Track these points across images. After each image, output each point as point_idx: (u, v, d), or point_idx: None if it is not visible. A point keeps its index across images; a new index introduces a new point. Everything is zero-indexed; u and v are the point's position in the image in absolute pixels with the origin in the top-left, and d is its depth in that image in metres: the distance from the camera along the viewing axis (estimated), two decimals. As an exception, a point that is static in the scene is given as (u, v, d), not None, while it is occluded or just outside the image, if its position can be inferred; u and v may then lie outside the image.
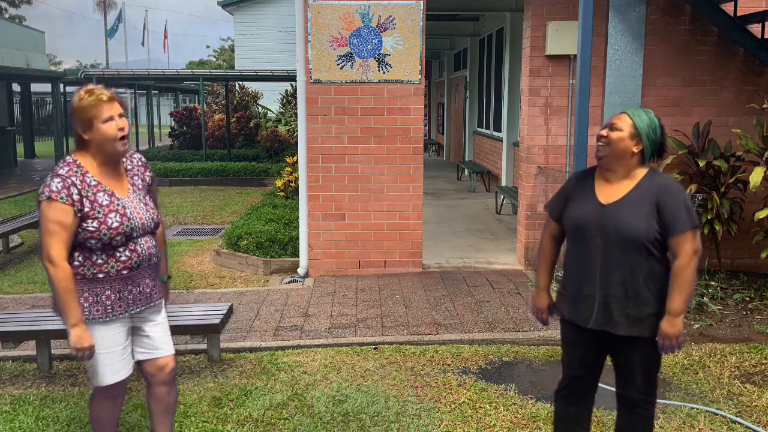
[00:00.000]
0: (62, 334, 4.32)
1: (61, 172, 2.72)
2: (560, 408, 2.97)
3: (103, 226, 2.71)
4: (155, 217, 2.94)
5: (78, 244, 2.75)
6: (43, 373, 4.41)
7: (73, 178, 2.71)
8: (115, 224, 2.73)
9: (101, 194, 2.75)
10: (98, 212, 2.72)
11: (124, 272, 2.80)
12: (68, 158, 2.80)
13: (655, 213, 2.60)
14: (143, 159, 3.04)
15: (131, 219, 2.79)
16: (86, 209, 2.70)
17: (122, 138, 2.75)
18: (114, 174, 2.84)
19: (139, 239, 2.84)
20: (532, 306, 3.03)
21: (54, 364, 4.52)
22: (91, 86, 2.77)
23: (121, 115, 2.76)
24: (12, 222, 8.49)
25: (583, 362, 2.84)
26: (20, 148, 21.59)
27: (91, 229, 2.70)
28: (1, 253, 8.10)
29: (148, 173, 3.01)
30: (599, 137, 2.70)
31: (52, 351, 4.52)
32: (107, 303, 2.80)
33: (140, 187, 2.94)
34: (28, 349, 4.64)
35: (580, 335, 2.79)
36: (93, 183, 2.75)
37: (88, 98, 2.71)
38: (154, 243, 2.94)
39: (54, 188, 2.67)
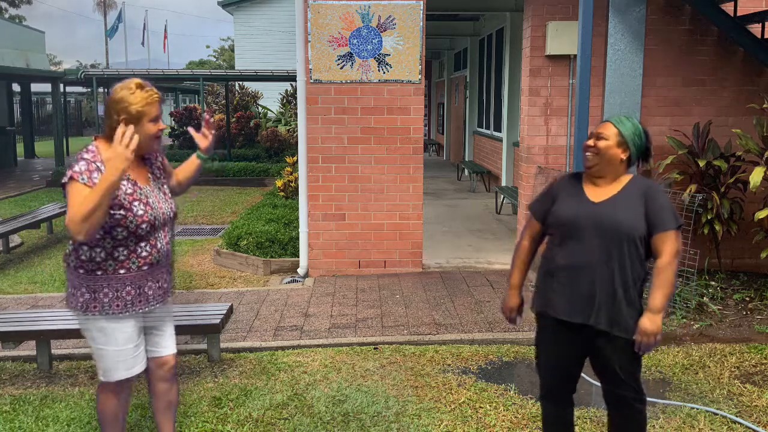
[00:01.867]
0: (62, 334, 4.34)
1: (86, 156, 2.72)
2: (549, 412, 2.97)
3: (129, 213, 2.74)
4: (173, 206, 2.98)
5: (102, 240, 2.75)
6: (43, 373, 4.41)
7: (98, 163, 2.71)
8: (140, 212, 2.76)
9: (125, 182, 2.77)
10: (123, 200, 2.74)
11: (145, 268, 2.84)
12: (91, 146, 2.78)
13: (644, 212, 2.67)
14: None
15: (154, 208, 2.83)
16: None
17: (160, 137, 2.83)
18: (136, 164, 2.87)
19: (160, 233, 2.88)
20: (503, 305, 3.06)
21: (54, 364, 4.52)
22: (138, 80, 2.77)
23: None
24: (12, 222, 8.49)
25: (566, 361, 2.85)
26: (20, 148, 21.60)
27: (118, 216, 2.72)
28: (1, 253, 8.10)
29: (160, 158, 3.05)
30: (586, 147, 2.77)
31: (52, 351, 4.52)
32: (127, 299, 2.82)
33: (158, 176, 2.98)
34: (28, 349, 4.64)
35: (565, 334, 2.79)
36: None
37: (140, 93, 2.72)
38: (170, 239, 2.99)
39: (77, 169, 2.66)
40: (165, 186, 3.01)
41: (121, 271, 2.80)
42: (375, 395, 3.99)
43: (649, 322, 2.64)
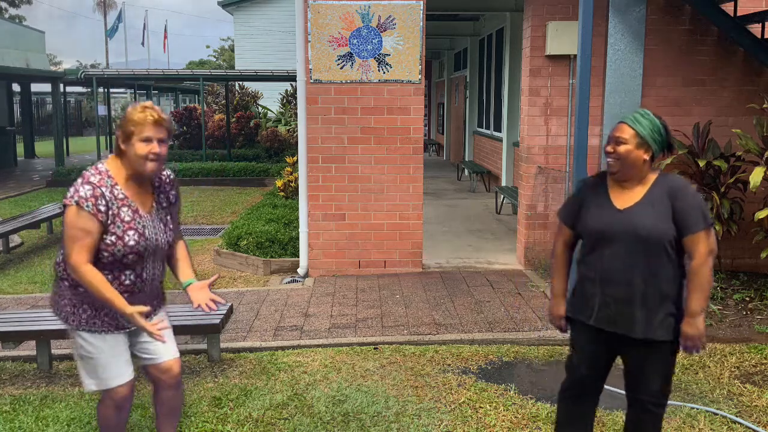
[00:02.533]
0: (62, 334, 4.32)
1: (92, 180, 2.70)
2: (565, 407, 2.97)
3: (119, 241, 2.71)
4: (170, 238, 2.92)
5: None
6: (43, 373, 4.41)
7: (103, 189, 2.69)
8: (132, 242, 2.73)
9: (125, 209, 2.74)
10: (118, 227, 2.71)
11: (125, 295, 2.77)
12: (101, 166, 2.78)
13: (671, 213, 2.61)
14: (171, 176, 3.02)
15: (148, 239, 2.78)
16: (108, 222, 2.69)
17: (152, 160, 2.73)
18: (141, 189, 2.83)
19: (148, 263, 2.83)
20: (550, 314, 3.00)
21: (54, 364, 4.52)
22: (148, 103, 2.77)
23: (161, 141, 2.73)
24: (12, 222, 8.49)
25: (594, 363, 2.85)
26: (20, 148, 21.60)
27: (108, 242, 2.70)
28: (1, 253, 8.10)
29: (173, 192, 2.99)
30: (607, 153, 2.69)
31: (52, 351, 4.52)
32: (105, 319, 2.81)
33: (164, 205, 2.92)
34: (28, 349, 4.64)
35: (596, 336, 2.78)
36: (120, 196, 2.74)
37: (138, 113, 2.72)
38: (161, 267, 2.93)
39: (83, 194, 2.65)
40: (168, 216, 2.93)
41: None
42: (375, 395, 3.99)
43: (689, 326, 2.62)
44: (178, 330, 4.26)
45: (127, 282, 2.79)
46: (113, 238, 2.70)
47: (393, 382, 4.18)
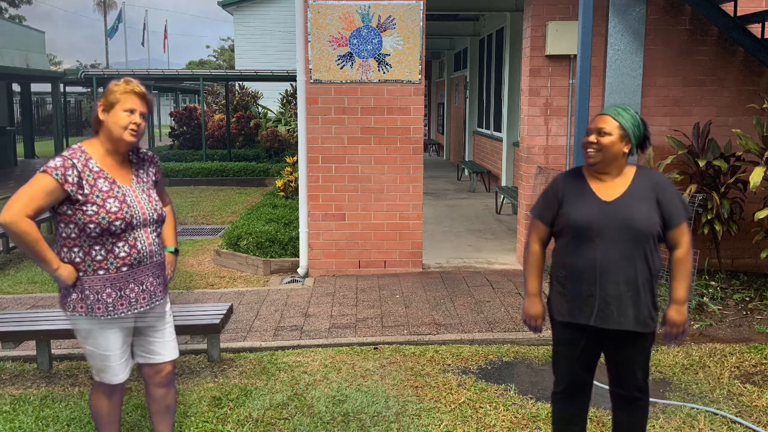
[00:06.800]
0: (62, 334, 4.33)
1: (65, 153, 2.77)
2: (559, 409, 2.97)
3: (101, 210, 2.71)
4: (158, 209, 2.92)
5: (78, 238, 2.75)
6: (43, 373, 4.41)
7: (75, 161, 2.73)
8: (114, 209, 2.73)
9: (101, 180, 2.76)
10: (97, 197, 2.72)
11: (124, 269, 2.78)
12: (74, 145, 2.84)
13: (656, 207, 2.65)
14: (149, 154, 3.04)
15: (131, 206, 2.79)
16: (86, 192, 2.71)
17: (132, 131, 2.78)
18: (118, 164, 2.86)
19: (140, 233, 2.82)
20: (525, 314, 2.96)
21: (54, 364, 4.52)
22: (130, 78, 2.85)
23: (142, 114, 2.80)
24: (12, 222, 8.48)
25: (582, 362, 2.84)
26: (20, 148, 21.59)
27: (90, 213, 2.71)
28: (1, 253, 8.10)
29: (152, 168, 3.01)
30: (589, 143, 2.69)
31: (52, 351, 4.52)
32: (108, 301, 2.78)
33: (144, 180, 2.94)
34: (28, 349, 4.64)
35: (580, 335, 2.78)
36: (95, 169, 2.77)
37: (123, 86, 2.80)
38: (156, 240, 2.91)
39: (52, 164, 2.69)
40: (152, 191, 2.95)
41: (100, 272, 2.76)
42: (375, 395, 3.99)
43: (677, 313, 2.67)
44: (179, 330, 4.26)
45: (122, 254, 2.77)
46: (94, 207, 2.71)
47: (393, 382, 4.18)
